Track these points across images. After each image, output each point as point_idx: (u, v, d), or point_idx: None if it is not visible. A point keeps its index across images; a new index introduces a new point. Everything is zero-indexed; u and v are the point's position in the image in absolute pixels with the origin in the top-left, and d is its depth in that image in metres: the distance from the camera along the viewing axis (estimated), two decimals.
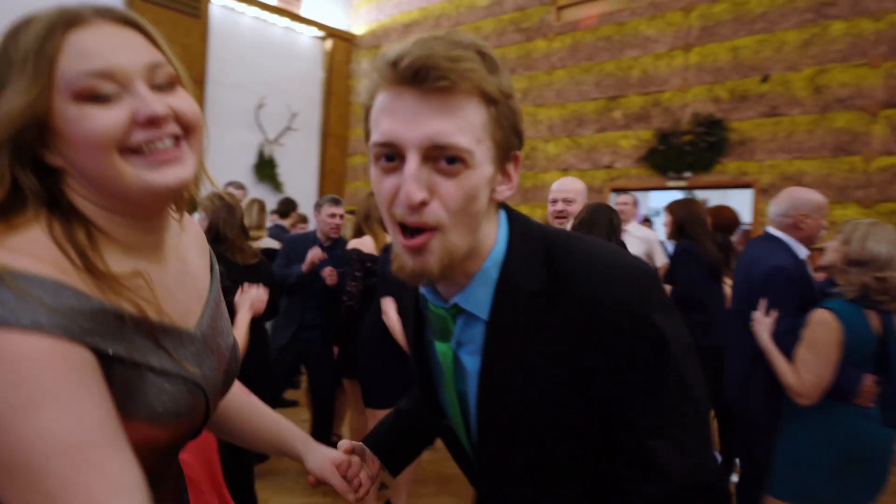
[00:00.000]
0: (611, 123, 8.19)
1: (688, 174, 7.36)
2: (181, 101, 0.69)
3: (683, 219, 3.93)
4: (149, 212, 0.71)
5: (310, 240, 3.80)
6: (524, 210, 8.29)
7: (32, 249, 0.60)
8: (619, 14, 8.18)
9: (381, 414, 2.98)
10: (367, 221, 3.27)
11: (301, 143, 10.63)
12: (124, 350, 0.63)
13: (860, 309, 2.21)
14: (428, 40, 0.70)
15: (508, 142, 0.75)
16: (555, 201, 3.20)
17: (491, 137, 0.72)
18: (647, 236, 5.58)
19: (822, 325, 2.21)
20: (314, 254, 3.52)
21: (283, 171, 10.31)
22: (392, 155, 0.71)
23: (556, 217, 3.18)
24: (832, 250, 2.35)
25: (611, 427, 0.73)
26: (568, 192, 3.14)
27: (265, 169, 10.05)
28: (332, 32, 10.86)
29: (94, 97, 0.63)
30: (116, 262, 0.68)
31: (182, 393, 0.70)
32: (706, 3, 7.50)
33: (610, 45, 8.28)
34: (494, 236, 0.79)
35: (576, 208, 3.12)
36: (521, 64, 9.14)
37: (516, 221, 0.82)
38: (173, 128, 0.67)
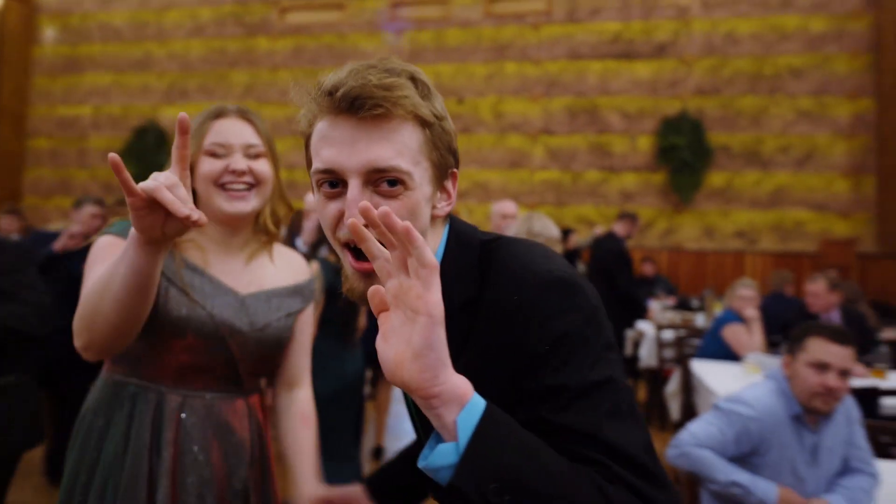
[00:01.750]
0: None
1: None
2: (259, 166, 1.17)
3: None
4: (229, 226, 1.20)
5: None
6: None
7: None
8: (339, 26, 8.81)
9: None
10: None
11: None
12: (167, 264, 1.12)
13: None
14: (361, 70, 0.72)
15: (445, 161, 0.78)
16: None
17: (428, 158, 0.75)
18: None
19: None
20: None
21: None
22: (335, 181, 0.73)
23: None
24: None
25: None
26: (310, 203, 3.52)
27: None
28: None
29: (213, 155, 1.15)
30: (199, 236, 1.20)
31: (192, 312, 1.12)
32: (414, 30, 8.63)
33: (332, 53, 8.85)
34: (435, 249, 0.80)
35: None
36: (243, 59, 9.07)
37: (455, 233, 0.82)
38: (248, 179, 1.16)
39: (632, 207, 7.57)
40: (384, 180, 0.72)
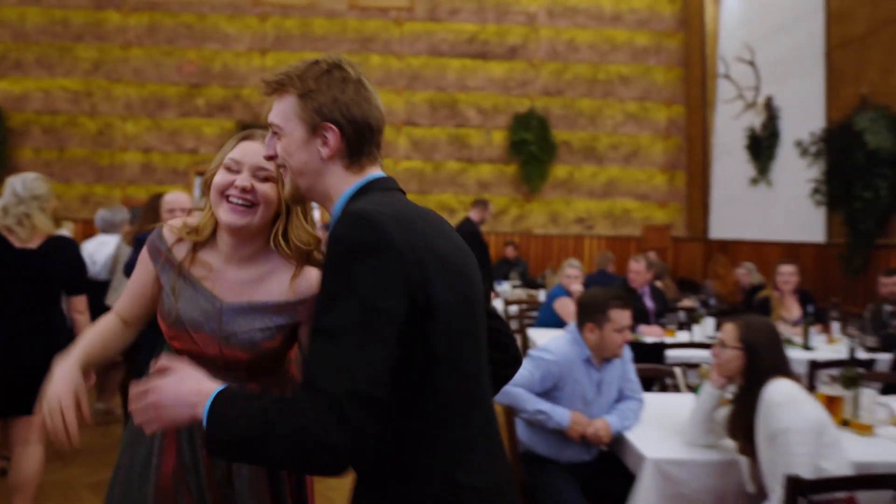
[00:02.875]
0: (194, 110, 8.54)
1: None
2: (264, 188, 1.30)
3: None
4: (231, 235, 1.34)
5: None
6: (100, 189, 7.88)
7: (176, 231, 1.39)
8: (199, 5, 8.54)
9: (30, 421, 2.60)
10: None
11: None
12: (164, 275, 1.37)
13: None
14: (293, 64, 1.08)
15: (311, 118, 1.04)
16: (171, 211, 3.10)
17: (299, 117, 1.05)
18: None
19: None
20: None
21: None
22: None
23: None
24: None
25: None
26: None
27: None
28: None
29: (228, 169, 1.31)
30: (206, 254, 1.38)
31: (171, 307, 1.34)
32: (279, 16, 8.62)
33: (191, 34, 8.57)
34: (345, 190, 1.06)
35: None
36: (89, 33, 8.49)
37: (368, 184, 1.07)
38: (250, 197, 1.29)
39: (487, 196, 8.27)
40: (272, 129, 1.09)
